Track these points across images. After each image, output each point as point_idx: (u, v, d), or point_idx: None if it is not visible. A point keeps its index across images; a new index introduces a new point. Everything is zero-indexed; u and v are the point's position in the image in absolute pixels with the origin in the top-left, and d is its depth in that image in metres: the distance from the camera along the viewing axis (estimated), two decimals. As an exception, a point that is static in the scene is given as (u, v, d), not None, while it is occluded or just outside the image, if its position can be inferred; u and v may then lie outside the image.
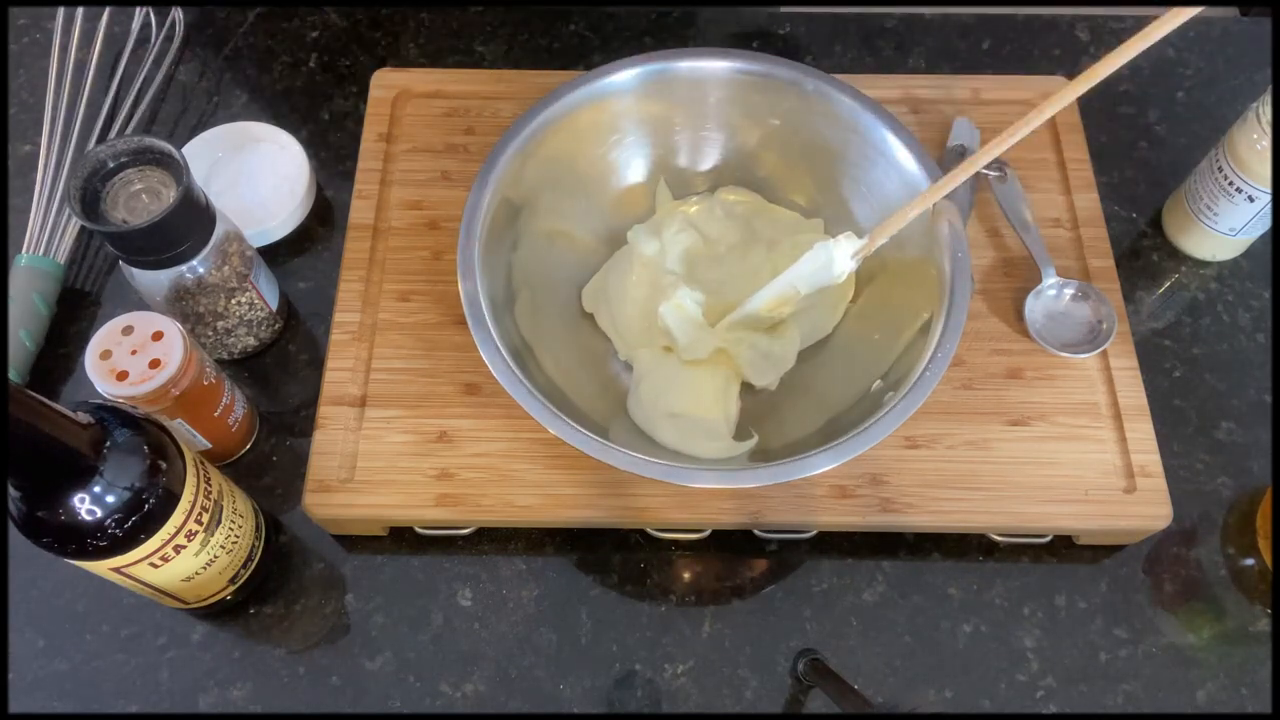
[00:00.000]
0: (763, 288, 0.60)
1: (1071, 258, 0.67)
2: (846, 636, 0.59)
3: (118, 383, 0.52)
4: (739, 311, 0.60)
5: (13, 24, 0.79)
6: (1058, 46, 0.80)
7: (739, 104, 0.64)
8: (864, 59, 0.79)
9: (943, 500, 0.58)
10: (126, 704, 0.56)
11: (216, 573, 0.54)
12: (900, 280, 0.62)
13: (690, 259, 0.64)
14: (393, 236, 0.66)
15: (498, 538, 0.61)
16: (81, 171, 0.54)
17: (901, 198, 0.60)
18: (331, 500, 0.58)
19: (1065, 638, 0.59)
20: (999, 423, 0.61)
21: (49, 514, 0.45)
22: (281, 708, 0.56)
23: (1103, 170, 0.72)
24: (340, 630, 0.58)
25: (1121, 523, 0.58)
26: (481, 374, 0.61)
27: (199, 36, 0.79)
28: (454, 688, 0.57)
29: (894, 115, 0.61)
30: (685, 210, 0.65)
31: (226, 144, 0.71)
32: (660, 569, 0.60)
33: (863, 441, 0.52)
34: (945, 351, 0.54)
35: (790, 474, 0.52)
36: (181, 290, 0.58)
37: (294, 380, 0.66)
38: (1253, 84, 0.78)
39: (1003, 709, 0.57)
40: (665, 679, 0.57)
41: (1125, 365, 0.63)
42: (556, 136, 0.61)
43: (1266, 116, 0.61)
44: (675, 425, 0.58)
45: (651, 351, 0.61)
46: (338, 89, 0.77)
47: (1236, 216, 0.66)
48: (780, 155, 0.66)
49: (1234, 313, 0.69)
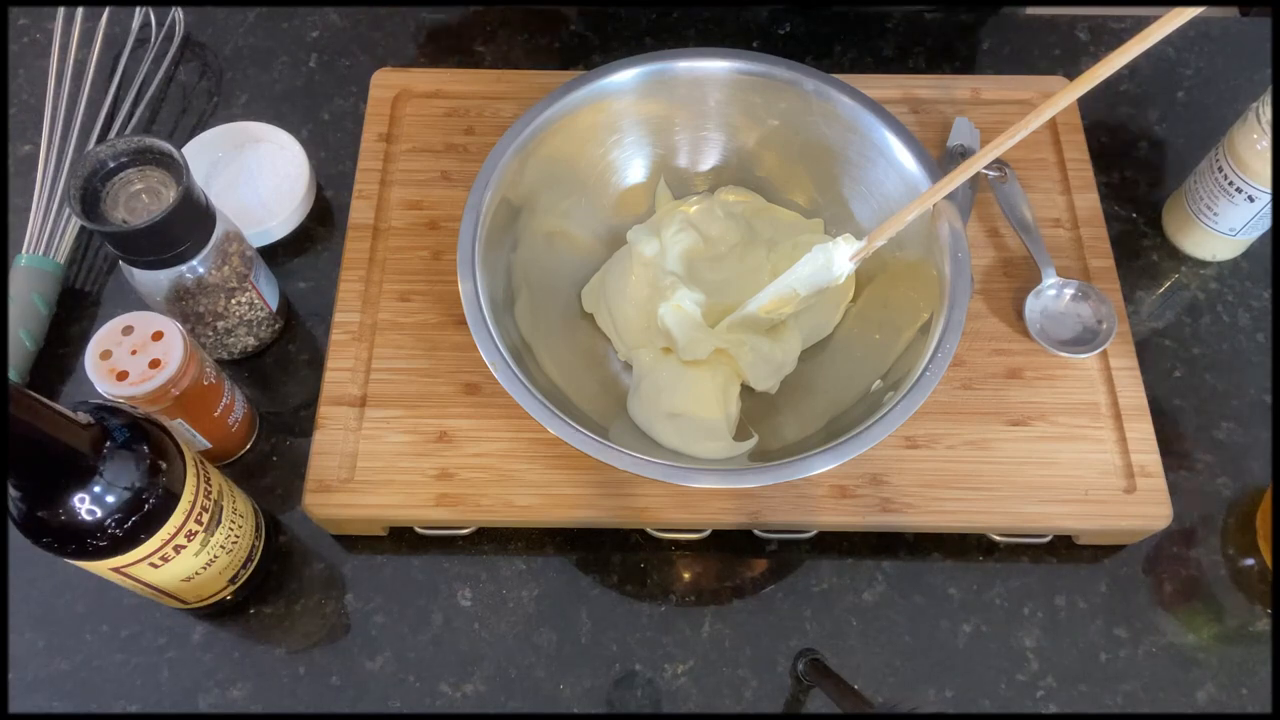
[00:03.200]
0: (762, 289, 0.60)
1: (1071, 258, 0.67)
2: (846, 636, 0.59)
3: (118, 383, 0.52)
4: (738, 313, 0.60)
5: (13, 24, 0.79)
6: (1058, 46, 0.80)
7: (739, 104, 0.64)
8: (864, 59, 0.79)
9: (943, 500, 0.58)
10: (126, 704, 0.56)
11: (216, 573, 0.54)
12: (900, 280, 0.62)
13: (690, 259, 0.64)
14: (393, 236, 0.66)
15: (498, 538, 0.61)
16: (81, 171, 0.54)
17: (901, 197, 0.60)
18: (331, 500, 0.58)
19: (1065, 638, 0.59)
20: (999, 423, 0.61)
21: (49, 514, 0.45)
22: (281, 708, 0.56)
23: (1103, 170, 0.72)
24: (340, 630, 0.58)
25: (1121, 523, 0.58)
26: (481, 374, 0.61)
27: (199, 36, 0.79)
28: (454, 688, 0.57)
29: (894, 115, 0.61)
30: (685, 210, 0.65)
31: (226, 144, 0.71)
32: (660, 569, 0.60)
33: (863, 442, 0.52)
34: (945, 351, 0.54)
35: (790, 474, 0.52)
36: (181, 290, 0.58)
37: (294, 380, 0.66)
38: (1253, 84, 0.78)
39: (1003, 709, 0.57)
40: (665, 679, 0.57)
41: (1125, 365, 0.63)
42: (556, 136, 0.61)
43: (1266, 116, 0.61)
44: (676, 425, 0.58)
45: (651, 352, 0.61)
46: (338, 89, 0.77)
47: (1236, 216, 0.66)
48: (780, 155, 0.66)
49: (1234, 313, 0.69)
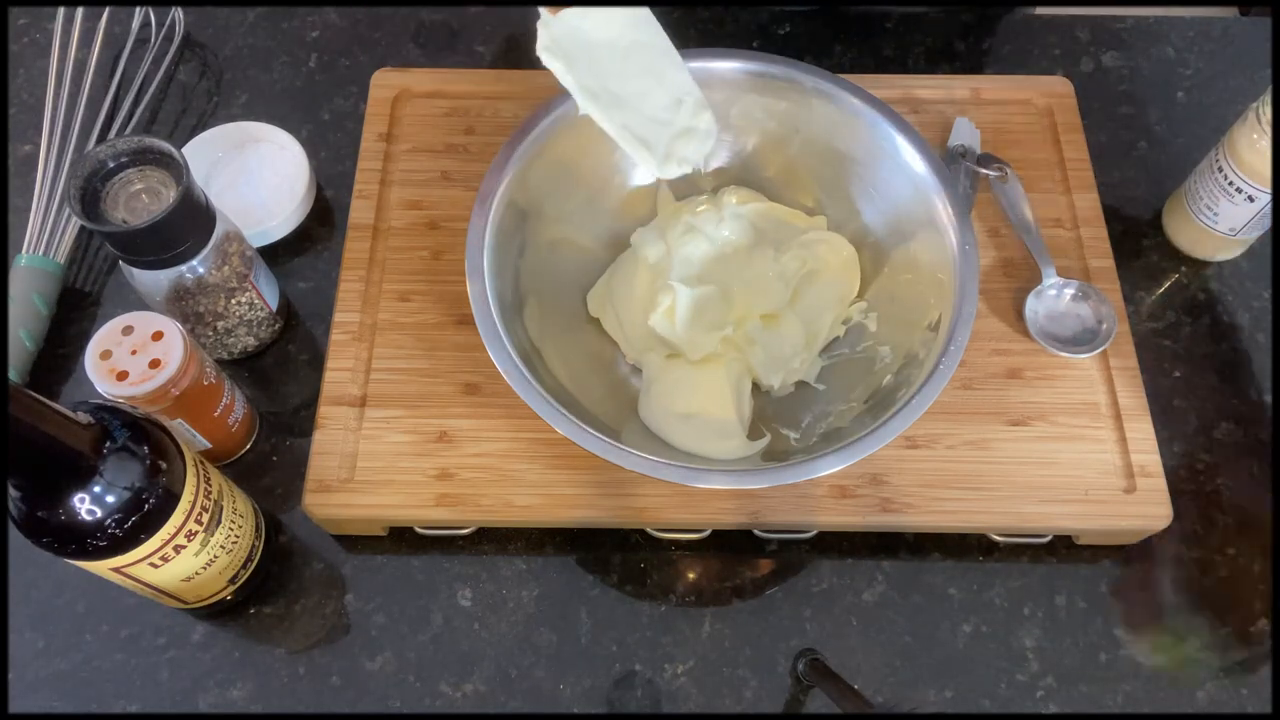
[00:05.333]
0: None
1: (1071, 258, 0.67)
2: (846, 636, 0.58)
3: (118, 383, 0.52)
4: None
5: (13, 24, 0.79)
6: (1058, 46, 0.80)
7: (745, 104, 0.64)
8: (864, 59, 0.79)
9: (943, 500, 0.58)
10: (126, 704, 0.56)
11: (216, 573, 0.54)
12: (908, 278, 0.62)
13: (696, 261, 0.64)
14: (393, 236, 0.66)
15: (498, 538, 0.61)
16: (81, 171, 0.54)
17: (908, 196, 0.60)
18: (331, 500, 0.58)
19: (1065, 638, 0.59)
20: (999, 423, 0.61)
21: (49, 514, 0.45)
22: (281, 708, 0.56)
23: (1103, 170, 0.72)
24: (340, 630, 0.58)
25: (1121, 523, 0.58)
26: (481, 374, 0.61)
27: (199, 36, 0.79)
28: (454, 688, 0.57)
29: (899, 114, 0.61)
30: (690, 212, 0.65)
31: (226, 144, 0.71)
32: (660, 569, 0.60)
33: (871, 443, 0.52)
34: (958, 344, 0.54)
35: (798, 475, 0.52)
36: (181, 290, 0.58)
37: (294, 380, 0.66)
38: (1253, 84, 0.78)
39: (1003, 709, 0.57)
40: (665, 679, 0.57)
41: (1125, 365, 0.63)
42: (562, 139, 0.61)
43: (1266, 116, 0.61)
44: (689, 426, 0.58)
45: (660, 354, 0.61)
46: (338, 89, 0.77)
47: (1236, 216, 0.66)
48: (785, 155, 0.66)
49: (1234, 313, 0.69)
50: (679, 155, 0.51)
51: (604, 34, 0.50)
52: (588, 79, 0.49)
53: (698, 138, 0.51)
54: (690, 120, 0.52)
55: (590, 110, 0.49)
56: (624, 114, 0.50)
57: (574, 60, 0.49)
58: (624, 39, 0.51)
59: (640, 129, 0.50)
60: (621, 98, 0.50)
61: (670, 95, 0.51)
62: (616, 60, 0.51)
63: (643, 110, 0.51)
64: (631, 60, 0.51)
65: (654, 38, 0.52)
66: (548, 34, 0.49)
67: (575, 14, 0.49)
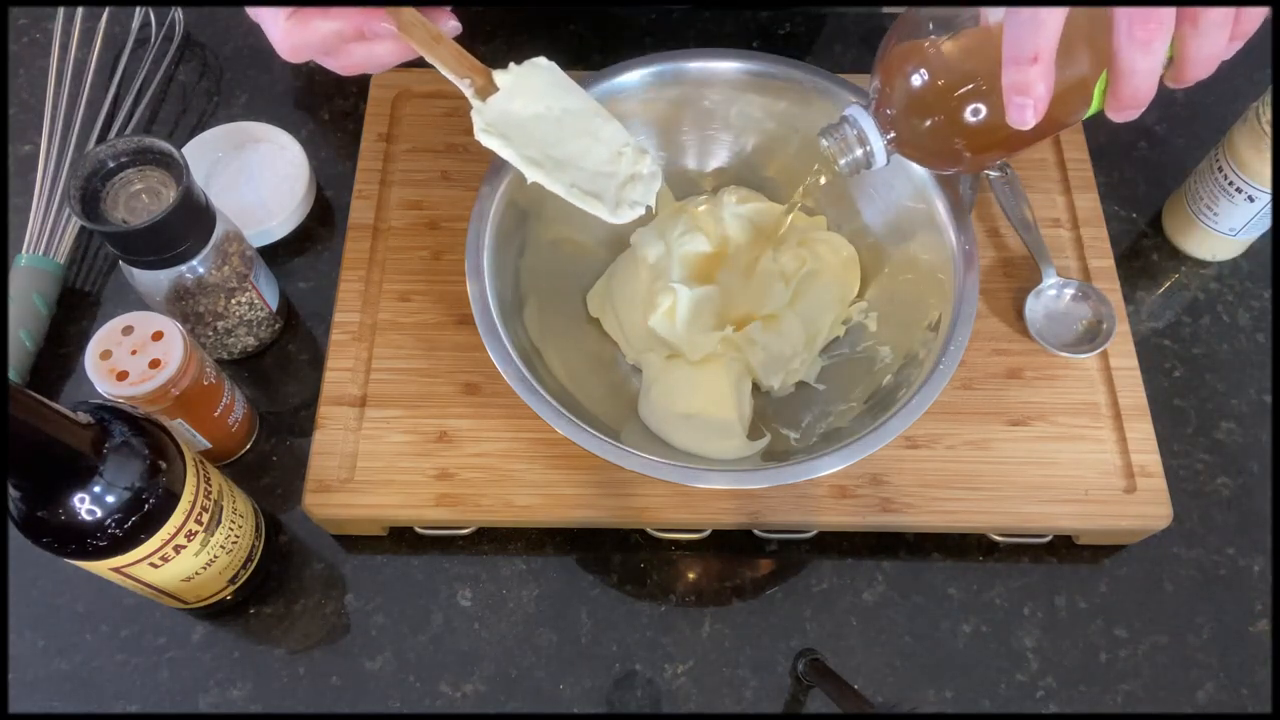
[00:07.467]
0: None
1: (1071, 258, 0.67)
2: (846, 636, 0.59)
3: (118, 383, 0.52)
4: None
5: (13, 24, 0.79)
6: (1058, 46, 0.79)
7: (744, 104, 0.64)
8: (864, 59, 0.79)
9: (943, 500, 0.58)
10: (126, 704, 0.56)
11: (216, 573, 0.54)
12: (908, 278, 0.62)
13: (696, 261, 0.64)
14: (393, 236, 0.66)
15: (498, 538, 0.61)
16: (81, 171, 0.54)
17: (908, 196, 0.60)
18: (331, 500, 0.58)
19: (1065, 638, 0.59)
20: (999, 423, 0.61)
21: (49, 514, 0.45)
22: (281, 708, 0.56)
23: (1103, 170, 0.72)
24: (340, 630, 0.58)
25: (1121, 523, 0.58)
26: (481, 374, 0.61)
27: (199, 36, 0.79)
28: (454, 688, 0.57)
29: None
30: (690, 212, 0.65)
31: (226, 144, 0.71)
32: (660, 569, 0.60)
33: (871, 443, 0.52)
34: (958, 343, 0.54)
35: (798, 475, 0.52)
36: (181, 290, 0.58)
37: (294, 380, 0.66)
38: (1253, 84, 0.78)
39: (1003, 709, 0.57)
40: (665, 679, 0.57)
41: (1125, 365, 0.63)
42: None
43: (1266, 116, 0.61)
44: (689, 426, 0.58)
45: (660, 354, 0.61)
46: (338, 89, 0.77)
47: (1236, 216, 0.66)
48: (786, 155, 0.66)
49: (1234, 313, 0.69)
50: (629, 200, 0.54)
51: (533, 109, 0.53)
52: (528, 150, 0.52)
53: (643, 181, 0.54)
54: (632, 167, 0.54)
55: (536, 178, 0.52)
56: (569, 174, 0.52)
57: (511, 137, 0.52)
58: (553, 109, 0.54)
59: (587, 184, 0.53)
60: (563, 161, 0.53)
61: (609, 149, 0.54)
62: (551, 128, 0.53)
63: (586, 167, 0.53)
64: (565, 126, 0.54)
65: (581, 102, 0.55)
66: (481, 119, 0.52)
67: (502, 98, 0.52)
